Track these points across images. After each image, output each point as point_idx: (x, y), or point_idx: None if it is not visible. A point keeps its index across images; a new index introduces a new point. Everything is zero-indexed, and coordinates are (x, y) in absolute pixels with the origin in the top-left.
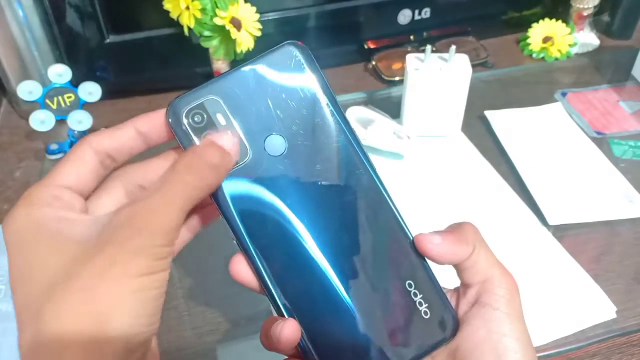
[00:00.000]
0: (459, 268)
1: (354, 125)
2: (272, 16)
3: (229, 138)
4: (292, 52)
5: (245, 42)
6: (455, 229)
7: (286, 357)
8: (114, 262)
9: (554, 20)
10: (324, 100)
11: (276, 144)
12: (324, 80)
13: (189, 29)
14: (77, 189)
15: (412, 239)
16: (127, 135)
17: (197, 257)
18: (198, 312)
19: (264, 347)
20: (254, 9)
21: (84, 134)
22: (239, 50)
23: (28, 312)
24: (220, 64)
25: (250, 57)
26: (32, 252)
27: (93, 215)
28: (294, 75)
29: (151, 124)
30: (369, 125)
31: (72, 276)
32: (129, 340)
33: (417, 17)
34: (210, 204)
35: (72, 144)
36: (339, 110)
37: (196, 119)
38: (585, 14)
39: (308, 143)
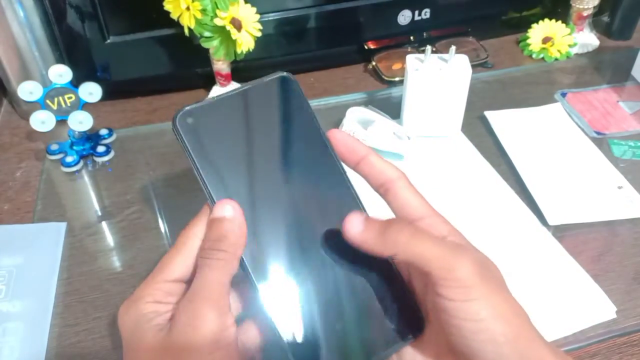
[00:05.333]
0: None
1: (354, 126)
2: (272, 16)
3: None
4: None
5: (245, 42)
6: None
7: None
8: None
9: (553, 20)
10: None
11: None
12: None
13: (189, 29)
14: (186, 277)
15: None
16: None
17: None
18: None
19: None
20: (254, 9)
21: (84, 134)
22: (239, 51)
23: None
24: (220, 65)
25: (250, 56)
26: (134, 343)
27: None
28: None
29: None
30: (369, 126)
31: None
32: None
33: (416, 18)
34: None
35: (72, 145)
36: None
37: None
38: (585, 14)
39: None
